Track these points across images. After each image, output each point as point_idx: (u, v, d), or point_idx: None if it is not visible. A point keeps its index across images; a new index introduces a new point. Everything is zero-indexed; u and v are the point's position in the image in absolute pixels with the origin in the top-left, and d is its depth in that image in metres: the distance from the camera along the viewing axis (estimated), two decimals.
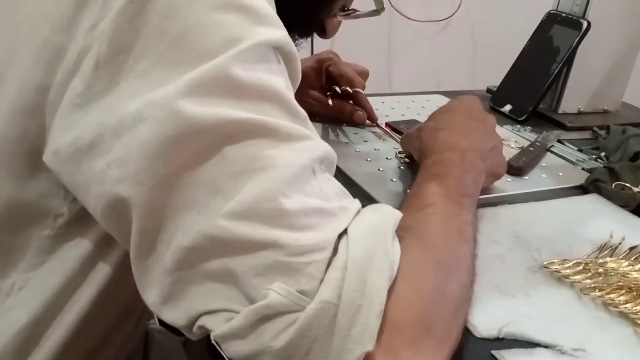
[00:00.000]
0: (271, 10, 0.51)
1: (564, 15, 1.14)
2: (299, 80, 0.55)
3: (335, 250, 0.45)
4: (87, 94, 0.47)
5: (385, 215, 0.51)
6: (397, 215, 0.52)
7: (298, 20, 0.75)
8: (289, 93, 0.50)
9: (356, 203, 0.52)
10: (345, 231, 0.47)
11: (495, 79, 1.23)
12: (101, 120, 0.46)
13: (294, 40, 0.77)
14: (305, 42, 0.86)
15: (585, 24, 1.09)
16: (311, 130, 0.52)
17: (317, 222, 0.46)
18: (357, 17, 0.84)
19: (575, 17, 1.11)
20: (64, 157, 0.48)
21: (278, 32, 0.50)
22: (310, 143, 0.49)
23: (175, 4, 0.46)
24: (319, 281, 0.43)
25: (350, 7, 0.83)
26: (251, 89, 0.47)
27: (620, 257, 0.68)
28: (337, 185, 0.52)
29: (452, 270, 0.52)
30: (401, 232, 0.50)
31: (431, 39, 1.94)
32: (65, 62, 0.49)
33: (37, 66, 0.50)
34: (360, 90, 1.02)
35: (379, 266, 0.45)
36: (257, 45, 0.47)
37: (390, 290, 0.45)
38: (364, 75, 1.07)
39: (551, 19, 1.16)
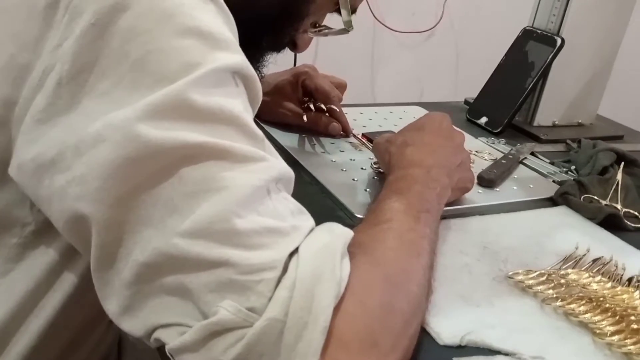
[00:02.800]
0: (229, 36, 0.53)
1: (539, 32, 1.16)
2: (260, 101, 0.57)
3: (285, 269, 0.47)
4: (49, 111, 0.49)
5: (336, 235, 0.52)
6: (348, 234, 0.53)
7: (268, 36, 0.78)
8: (247, 115, 0.52)
9: (310, 221, 0.53)
10: (296, 250, 0.49)
11: (477, 89, 1.25)
12: (63, 138, 0.48)
13: (263, 56, 0.83)
14: (287, 54, 0.88)
15: (559, 41, 1.12)
16: (268, 151, 0.53)
17: (268, 242, 0.48)
18: (326, 34, 0.86)
19: (549, 34, 1.14)
20: (28, 171, 0.50)
21: (236, 56, 0.52)
22: (266, 164, 0.51)
23: (136, 28, 0.48)
24: (268, 299, 0.45)
25: (322, 24, 0.85)
26: (208, 113, 0.48)
27: (583, 268, 0.70)
28: (292, 203, 0.54)
29: (401, 284, 0.53)
30: (354, 248, 0.52)
31: (414, 50, 1.97)
32: (31, 78, 0.51)
33: (5, 81, 0.52)
34: (335, 107, 1.03)
35: (326, 285, 0.47)
36: (214, 70, 0.49)
37: (338, 308, 0.47)
38: (342, 87, 1.09)
39: (527, 35, 1.18)
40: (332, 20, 0.86)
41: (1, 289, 0.57)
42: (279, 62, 0.88)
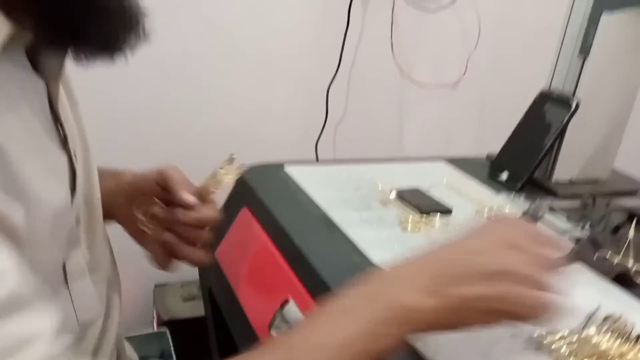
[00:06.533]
0: None
1: (555, 94, 1.24)
2: None
3: None
4: None
5: None
6: None
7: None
8: None
9: None
10: None
11: (502, 138, 1.32)
12: None
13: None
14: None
15: (574, 104, 1.19)
16: None
17: None
18: None
19: (565, 97, 1.21)
20: None
21: None
22: None
23: None
24: None
25: None
26: None
27: (595, 326, 0.76)
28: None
29: None
30: None
31: (440, 100, 2.05)
32: None
33: None
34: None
35: None
36: None
37: None
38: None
39: (544, 97, 1.26)
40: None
41: None
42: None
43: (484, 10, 1.92)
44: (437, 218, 1.02)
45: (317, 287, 0.84)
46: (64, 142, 0.68)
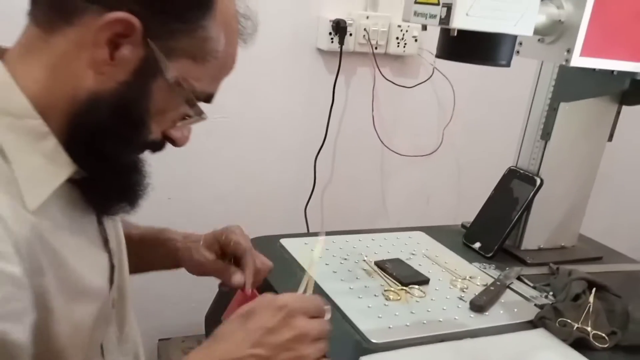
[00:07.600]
0: None
1: (521, 172, 1.37)
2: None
3: None
4: None
5: None
6: None
7: (118, 146, 0.74)
8: None
9: None
10: None
11: (478, 203, 1.45)
12: None
13: (126, 162, 0.77)
14: None
15: (538, 181, 1.32)
16: None
17: None
18: (190, 123, 0.81)
19: (530, 175, 1.35)
20: None
21: None
22: None
23: None
24: None
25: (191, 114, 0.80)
26: None
27: None
28: None
29: None
30: None
31: (419, 166, 2.18)
32: None
33: None
34: (246, 262, 1.03)
35: None
36: None
37: None
38: (265, 268, 1.06)
39: (511, 174, 1.40)
40: None
41: None
42: None
43: (457, 86, 2.08)
44: (416, 288, 1.13)
45: None
46: (105, 243, 0.82)
